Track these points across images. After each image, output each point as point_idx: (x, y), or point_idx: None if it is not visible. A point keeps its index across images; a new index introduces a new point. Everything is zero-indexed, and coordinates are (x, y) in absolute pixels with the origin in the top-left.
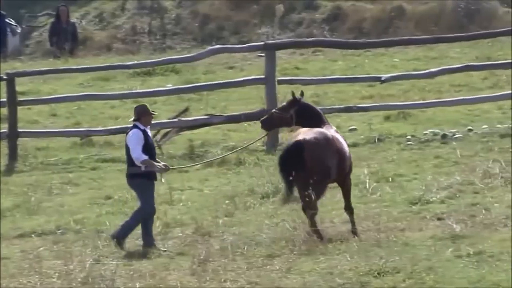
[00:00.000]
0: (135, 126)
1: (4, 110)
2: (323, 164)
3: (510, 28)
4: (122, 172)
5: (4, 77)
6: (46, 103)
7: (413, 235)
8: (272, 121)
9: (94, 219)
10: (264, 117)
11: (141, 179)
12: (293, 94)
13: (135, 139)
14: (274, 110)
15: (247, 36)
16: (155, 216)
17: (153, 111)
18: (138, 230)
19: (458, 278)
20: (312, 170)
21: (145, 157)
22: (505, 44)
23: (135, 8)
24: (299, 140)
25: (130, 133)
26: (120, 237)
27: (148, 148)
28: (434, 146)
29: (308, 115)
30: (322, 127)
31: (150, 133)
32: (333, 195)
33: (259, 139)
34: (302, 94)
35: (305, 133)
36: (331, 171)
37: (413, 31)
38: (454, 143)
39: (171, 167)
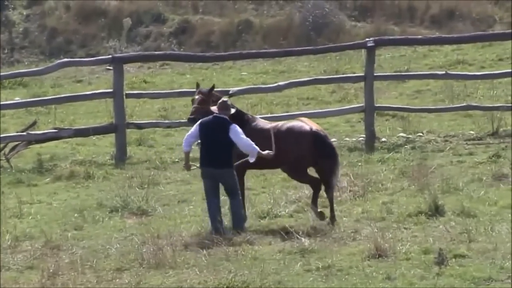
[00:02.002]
0: (227, 120)
1: None
2: None
3: (357, 41)
4: None
5: None
6: None
7: (262, 249)
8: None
9: None
10: (192, 116)
11: (233, 169)
12: (197, 84)
13: (242, 132)
14: (194, 106)
15: (94, 49)
16: (4, 230)
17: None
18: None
19: None
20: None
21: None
22: (353, 58)
23: None
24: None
25: (232, 126)
26: (243, 226)
27: None
28: None
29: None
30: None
31: None
32: (181, 208)
33: None
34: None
35: (306, 122)
36: None
37: (261, 45)
38: None
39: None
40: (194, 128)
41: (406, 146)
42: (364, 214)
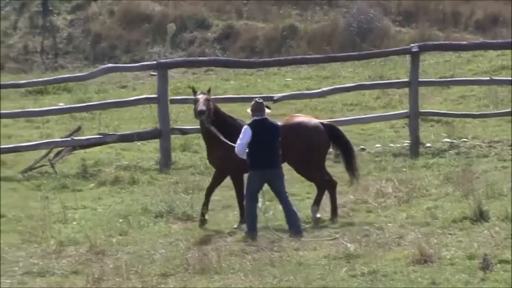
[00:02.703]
0: (273, 121)
1: None
2: None
3: (402, 47)
4: (15, 191)
5: None
6: None
7: (307, 254)
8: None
9: None
10: (203, 109)
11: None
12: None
13: None
14: (201, 102)
15: (139, 55)
16: (49, 235)
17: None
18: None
19: None
20: None
21: None
22: (397, 63)
23: (27, 27)
24: None
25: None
26: (300, 231)
27: None
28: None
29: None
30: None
31: None
32: (226, 214)
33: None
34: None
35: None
36: None
37: (306, 50)
38: None
39: None
40: (245, 135)
41: (450, 152)
42: (409, 220)
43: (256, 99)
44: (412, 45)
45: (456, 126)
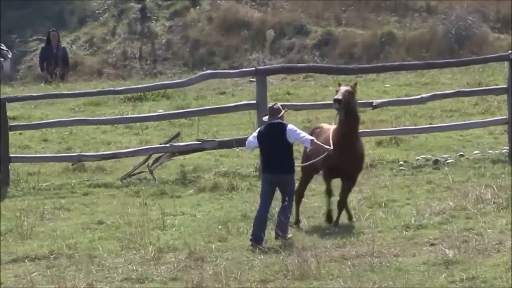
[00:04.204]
0: (282, 124)
1: None
2: None
3: (500, 54)
4: (114, 197)
5: None
6: (37, 128)
7: (406, 260)
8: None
9: (87, 244)
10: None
11: (294, 174)
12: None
13: (296, 128)
14: (338, 98)
15: (238, 61)
16: (148, 241)
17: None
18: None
19: None
20: None
21: None
22: (496, 70)
23: (126, 33)
24: None
25: (288, 127)
26: (285, 235)
27: None
28: (427, 172)
29: None
30: None
31: None
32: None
33: None
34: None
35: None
36: None
37: (404, 57)
38: (446, 168)
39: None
40: (253, 136)
41: None
42: (508, 226)
43: (269, 104)
44: (510, 51)
45: None
